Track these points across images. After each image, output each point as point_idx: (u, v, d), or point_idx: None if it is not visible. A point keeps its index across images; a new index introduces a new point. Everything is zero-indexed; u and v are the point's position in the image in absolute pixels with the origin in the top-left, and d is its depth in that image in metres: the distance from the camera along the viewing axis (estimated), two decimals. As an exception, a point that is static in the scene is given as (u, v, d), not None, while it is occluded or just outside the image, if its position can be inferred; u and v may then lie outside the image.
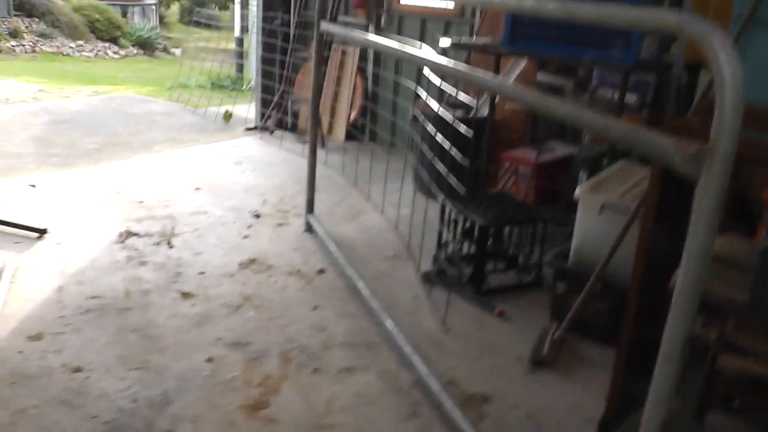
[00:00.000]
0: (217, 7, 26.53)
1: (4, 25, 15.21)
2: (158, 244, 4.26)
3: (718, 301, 1.85)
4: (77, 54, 16.17)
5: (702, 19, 1.40)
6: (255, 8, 8.49)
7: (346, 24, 6.67)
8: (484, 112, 5.23)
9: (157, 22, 23.05)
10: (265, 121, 7.44)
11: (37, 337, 3.15)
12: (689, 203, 2.65)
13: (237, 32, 12.57)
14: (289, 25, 7.21)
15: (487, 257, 3.95)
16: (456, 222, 4.09)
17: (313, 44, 4.50)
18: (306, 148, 5.10)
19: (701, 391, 1.87)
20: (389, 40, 3.52)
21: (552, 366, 3.20)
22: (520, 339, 3.44)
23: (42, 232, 4.26)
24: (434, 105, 4.86)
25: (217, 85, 10.00)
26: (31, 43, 15.40)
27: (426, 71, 5.56)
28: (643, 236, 2.47)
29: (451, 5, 6.25)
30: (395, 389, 2.96)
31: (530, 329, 3.51)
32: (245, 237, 4.48)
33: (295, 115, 7.41)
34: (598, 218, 3.39)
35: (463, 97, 5.17)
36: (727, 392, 2.81)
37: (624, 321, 2.61)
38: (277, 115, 7.33)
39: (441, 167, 4.13)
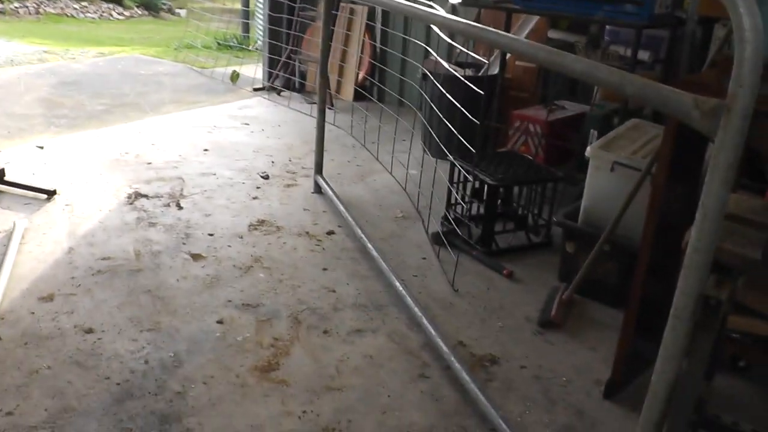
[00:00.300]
0: (222, -34, 26.22)
1: (8, -15, 15.06)
2: (167, 205, 4.26)
3: (729, 259, 1.83)
4: (81, 15, 16.05)
5: (720, -30, 1.37)
6: (261, -34, 8.39)
7: (353, -18, 6.58)
8: (495, 70, 5.18)
9: (163, -18, 22.81)
10: (273, 82, 7.39)
11: (48, 298, 3.17)
12: (701, 161, 2.62)
13: (243, -9, 12.44)
14: (295, -16, 7.12)
15: (497, 217, 3.94)
16: (465, 182, 4.07)
17: (322, 3, 4.44)
18: (314, 109, 5.07)
19: (711, 351, 1.87)
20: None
21: (561, 327, 3.21)
22: (529, 300, 3.44)
23: (51, 193, 4.26)
24: (444, 63, 4.80)
25: (223, 46, 9.91)
26: (34, 5, 15.28)
27: (435, 29, 5.49)
28: (656, 193, 2.45)
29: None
30: (404, 351, 2.97)
31: (539, 290, 3.52)
32: (254, 198, 4.47)
33: (303, 76, 7.35)
34: (609, 177, 3.37)
35: (473, 55, 5.11)
36: (734, 352, 2.81)
37: (634, 280, 2.60)
38: (284, 76, 7.28)
39: (450, 126, 4.09)
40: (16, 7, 14.71)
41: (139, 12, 17.98)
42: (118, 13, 17.25)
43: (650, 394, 1.66)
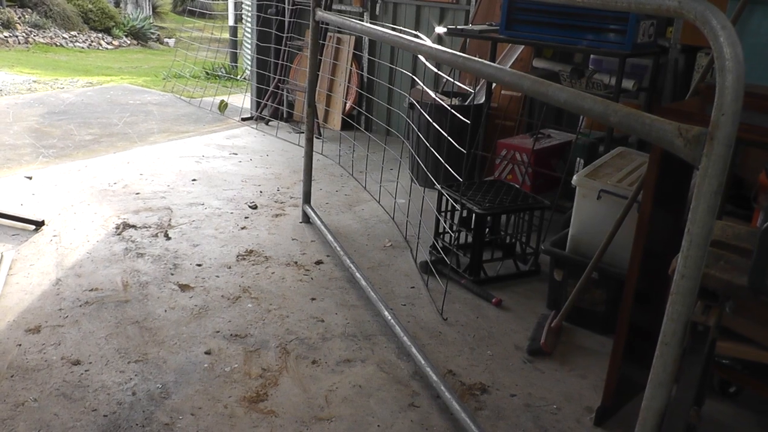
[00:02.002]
0: (210, -3, 26.37)
1: (-3, 16, 15.10)
2: (155, 236, 4.25)
3: (716, 286, 1.84)
4: (70, 45, 16.09)
5: (702, 0, 1.39)
6: (249, -3, 8.45)
7: (340, 12, 6.64)
8: (481, 99, 5.22)
9: (151, 12, 22.95)
10: (261, 111, 7.42)
11: (35, 329, 3.15)
12: (687, 188, 2.65)
13: (231, 21, 12.51)
14: (283, 14, 7.17)
15: (485, 246, 3.95)
16: (453, 210, 4.08)
17: (309, 33, 4.48)
18: (302, 138, 5.09)
19: (700, 377, 1.87)
20: (384, 27, 3.50)
21: (550, 355, 3.21)
22: (518, 328, 3.44)
23: (39, 224, 4.24)
24: (430, 93, 4.84)
25: (211, 75, 9.96)
26: (24, 34, 15.32)
27: (422, 59, 5.54)
28: (642, 221, 2.47)
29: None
30: (394, 380, 2.96)
31: (528, 318, 3.52)
32: (242, 228, 4.47)
33: (291, 105, 7.39)
34: (596, 205, 3.39)
35: (459, 84, 5.16)
36: (724, 378, 2.82)
37: (622, 307, 2.61)
38: (272, 105, 7.31)
39: (438, 155, 4.12)
40: (5, 37, 14.74)
41: (128, 41, 18.06)
42: (107, 43, 17.32)
43: (640, 421, 1.66)
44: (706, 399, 2.52)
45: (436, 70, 5.07)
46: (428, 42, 3.42)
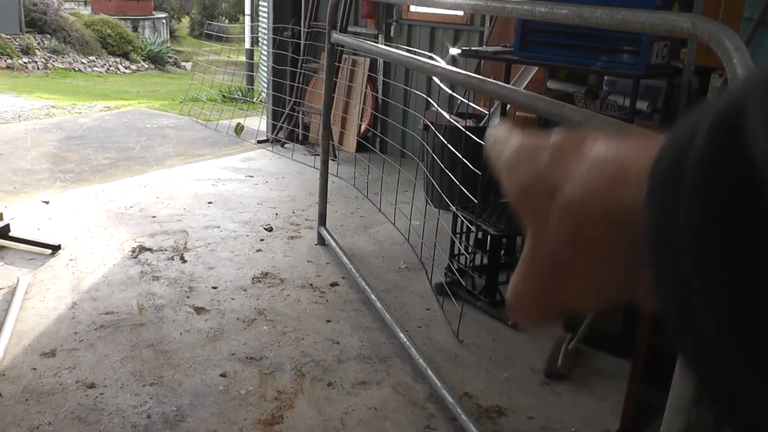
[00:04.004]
0: (227, 20, 26.69)
1: (17, 41, 15.34)
2: (171, 259, 4.27)
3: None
4: (89, 70, 16.30)
5: (715, 22, 1.39)
6: (265, 20, 8.53)
7: (356, 34, 6.68)
8: (495, 120, 5.22)
9: (168, 36, 23.21)
10: (277, 134, 7.45)
11: (50, 353, 3.16)
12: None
13: (247, 44, 12.63)
14: (299, 37, 7.22)
15: (500, 267, 3.93)
16: (468, 232, 4.07)
17: (324, 55, 4.50)
18: (317, 160, 5.10)
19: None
20: (399, 49, 3.52)
21: (567, 378, 3.18)
22: (535, 350, 3.41)
23: (55, 248, 4.27)
24: (445, 114, 4.85)
25: (228, 98, 10.04)
26: (43, 60, 15.53)
27: (436, 80, 5.56)
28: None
29: (460, 14, 6.25)
30: (410, 403, 2.94)
31: (545, 340, 3.49)
32: (258, 251, 4.48)
33: (306, 127, 7.42)
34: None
35: (473, 105, 5.16)
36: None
37: (640, 330, 2.59)
38: (288, 127, 7.34)
39: (452, 177, 4.11)
40: (24, 63, 14.95)
41: (146, 66, 18.27)
42: (125, 67, 17.53)
43: (658, 447, 1.64)
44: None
45: (450, 91, 5.08)
46: (442, 63, 3.43)
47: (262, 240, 4.66)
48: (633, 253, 0.35)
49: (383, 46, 4.66)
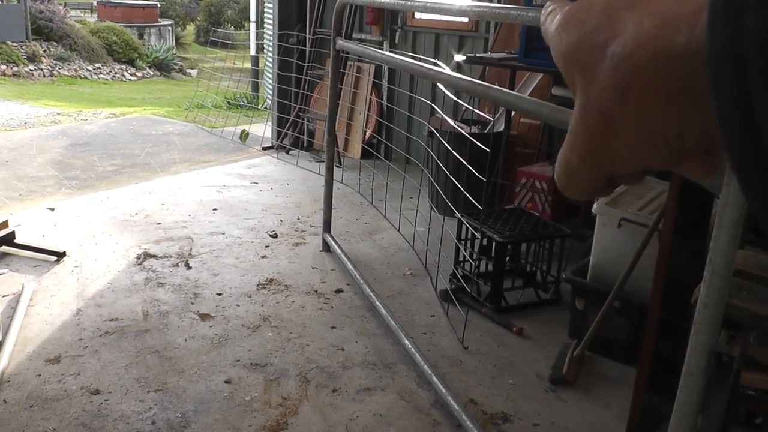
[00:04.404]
0: (232, 27, 26.77)
1: (23, 49, 15.41)
2: (176, 265, 4.27)
3: (740, 316, 1.82)
4: (95, 77, 16.35)
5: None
6: (270, 27, 8.55)
7: (361, 41, 6.69)
8: (500, 127, 5.22)
9: (174, 43, 23.30)
10: (282, 140, 7.46)
11: (55, 360, 3.16)
12: (708, 216, 2.62)
13: (253, 51, 12.67)
14: (304, 44, 7.24)
15: (505, 274, 3.93)
16: (473, 239, 4.07)
17: (329, 62, 4.51)
18: (322, 167, 5.11)
19: (725, 408, 1.84)
20: (404, 56, 3.52)
21: (572, 384, 3.17)
22: (540, 357, 3.41)
23: (60, 255, 4.28)
24: (450, 121, 4.85)
25: (233, 105, 10.07)
26: (49, 67, 15.59)
27: (441, 87, 5.56)
28: (664, 250, 2.44)
29: (465, 20, 6.26)
30: (415, 409, 2.94)
31: (550, 347, 3.49)
32: (263, 257, 4.48)
33: (311, 134, 7.43)
34: (617, 233, 3.36)
35: (478, 112, 5.17)
36: (750, 408, 2.77)
37: (645, 337, 2.58)
38: (293, 134, 7.35)
39: (457, 183, 4.12)
40: (30, 70, 15.00)
41: (151, 72, 18.33)
42: (131, 74, 17.59)
43: (664, 454, 1.63)
44: (732, 430, 2.47)
45: (455, 98, 5.08)
46: (447, 70, 3.43)
47: (267, 246, 4.66)
48: (682, 104, 0.35)
49: (388, 53, 4.67)
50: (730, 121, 0.31)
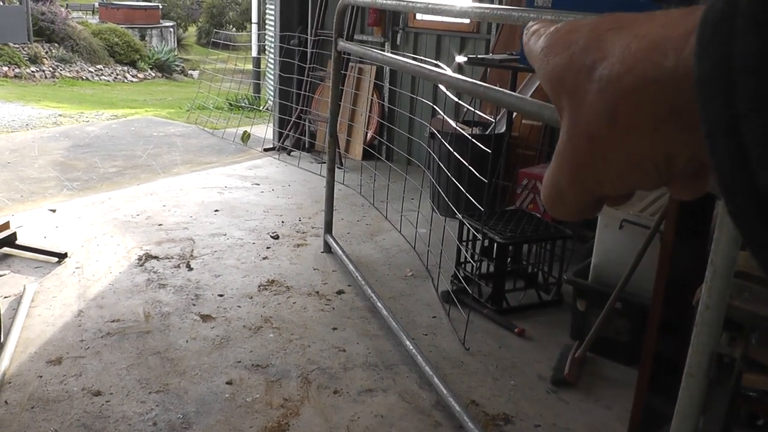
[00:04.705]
0: (234, 28, 26.79)
1: (24, 50, 15.42)
2: (177, 266, 4.27)
3: (741, 317, 1.81)
4: (96, 78, 16.37)
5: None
6: (272, 28, 8.56)
7: (362, 42, 6.70)
8: (502, 128, 5.22)
9: (175, 45, 23.32)
10: (283, 142, 7.47)
11: (56, 361, 3.16)
12: (710, 217, 2.62)
13: (254, 53, 12.67)
14: (306, 45, 7.24)
15: (507, 275, 3.93)
16: (475, 240, 4.07)
17: (331, 63, 4.51)
18: (323, 168, 5.11)
19: (726, 409, 1.84)
20: (405, 57, 3.52)
21: (574, 385, 3.17)
22: (541, 358, 3.40)
23: (62, 256, 4.28)
24: (451, 122, 4.85)
25: (234, 106, 10.07)
26: (50, 69, 15.61)
27: (442, 88, 5.56)
28: (665, 251, 2.44)
29: (467, 21, 6.26)
30: (416, 410, 2.94)
31: (551, 348, 3.48)
32: (264, 258, 4.48)
33: (313, 135, 7.43)
34: (618, 234, 3.36)
35: (479, 113, 5.17)
36: (752, 410, 2.76)
37: (646, 338, 2.58)
38: (294, 135, 7.35)
39: (459, 185, 4.12)
40: (32, 72, 15.02)
41: (153, 74, 18.35)
42: (132, 76, 17.61)
43: (666, 455, 1.63)
44: (734, 431, 2.47)
45: (456, 99, 5.08)
46: (449, 71, 3.43)
47: (268, 248, 4.67)
48: (671, 128, 0.35)
49: (389, 54, 4.67)
50: (720, 145, 0.31)
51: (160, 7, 25.02)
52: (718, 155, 0.31)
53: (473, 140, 4.09)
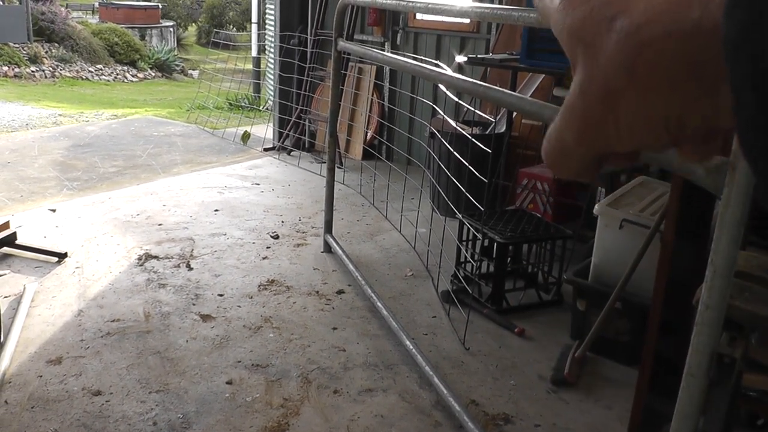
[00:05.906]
0: (234, 28, 26.78)
1: (24, 50, 15.42)
2: (177, 266, 4.27)
3: (741, 317, 1.81)
4: (96, 78, 16.37)
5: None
6: (272, 28, 8.55)
7: (362, 42, 6.70)
8: (502, 128, 5.22)
9: (175, 44, 23.32)
10: (283, 141, 7.46)
11: (56, 361, 3.16)
12: (710, 217, 2.62)
13: (254, 52, 12.67)
14: (306, 45, 7.24)
15: (507, 275, 3.93)
16: (475, 240, 4.07)
17: (331, 63, 4.51)
18: (323, 168, 5.11)
19: (727, 409, 1.84)
20: (405, 57, 3.52)
21: (574, 385, 3.17)
22: (541, 358, 3.40)
23: (62, 256, 4.28)
24: (451, 122, 4.85)
25: (234, 106, 10.07)
26: (50, 68, 15.60)
27: (442, 88, 5.56)
28: (665, 251, 2.44)
29: (467, 21, 6.26)
30: (416, 410, 2.94)
31: (551, 348, 3.48)
32: (264, 258, 4.48)
33: (313, 135, 7.42)
34: (618, 234, 3.36)
35: (479, 113, 5.17)
36: (752, 410, 2.76)
37: (647, 338, 2.58)
38: (294, 135, 7.35)
39: (459, 185, 4.12)
40: (32, 72, 15.01)
41: (153, 74, 18.34)
42: (132, 75, 17.60)
43: (666, 455, 1.63)
44: (734, 431, 2.47)
45: (456, 99, 5.08)
46: (449, 71, 3.43)
47: (268, 248, 4.66)
48: (691, 86, 0.34)
49: (389, 54, 4.67)
50: (746, 100, 0.30)
51: (160, 6, 25.01)
52: (744, 112, 0.30)
53: (473, 140, 4.09)
